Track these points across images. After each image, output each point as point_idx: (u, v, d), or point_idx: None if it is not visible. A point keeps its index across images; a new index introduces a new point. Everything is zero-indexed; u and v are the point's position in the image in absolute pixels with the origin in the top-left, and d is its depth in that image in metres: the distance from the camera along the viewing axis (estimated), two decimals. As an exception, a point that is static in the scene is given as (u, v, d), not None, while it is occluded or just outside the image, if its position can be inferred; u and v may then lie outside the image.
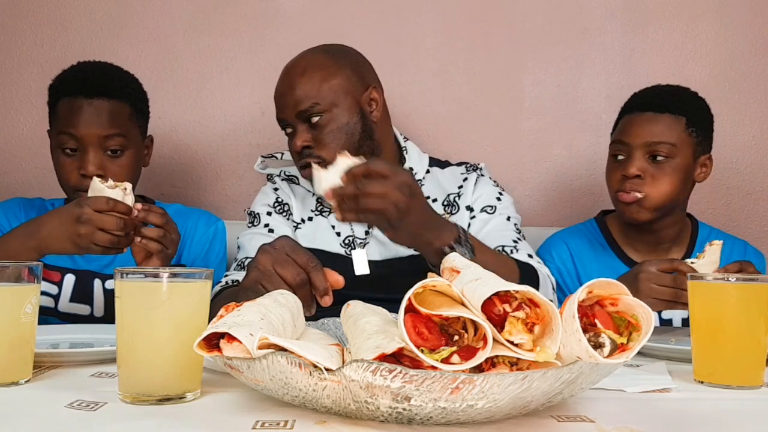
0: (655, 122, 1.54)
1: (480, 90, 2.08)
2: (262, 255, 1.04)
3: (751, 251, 1.70)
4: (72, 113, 1.45)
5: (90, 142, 1.44)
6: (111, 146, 1.46)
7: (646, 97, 1.61)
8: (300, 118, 1.44)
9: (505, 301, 0.68)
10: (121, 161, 1.47)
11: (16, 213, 1.57)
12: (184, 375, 0.78)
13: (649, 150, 1.54)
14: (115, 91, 1.49)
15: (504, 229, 1.47)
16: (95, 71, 1.53)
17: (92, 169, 1.42)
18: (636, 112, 1.58)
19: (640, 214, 1.56)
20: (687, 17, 2.10)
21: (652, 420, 0.76)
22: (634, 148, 1.55)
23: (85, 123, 1.44)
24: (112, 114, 1.47)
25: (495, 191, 1.55)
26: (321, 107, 1.43)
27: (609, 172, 1.62)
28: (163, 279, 0.78)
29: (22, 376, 0.85)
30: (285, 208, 1.53)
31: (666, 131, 1.54)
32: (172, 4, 2.03)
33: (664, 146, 1.53)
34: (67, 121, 1.45)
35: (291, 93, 1.45)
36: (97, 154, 1.44)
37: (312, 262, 1.02)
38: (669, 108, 1.55)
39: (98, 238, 1.17)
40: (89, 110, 1.45)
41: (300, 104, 1.44)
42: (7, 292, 0.85)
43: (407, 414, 0.67)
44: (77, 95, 1.46)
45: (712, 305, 0.96)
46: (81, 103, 1.45)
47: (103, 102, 1.46)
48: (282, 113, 1.48)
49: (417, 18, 2.06)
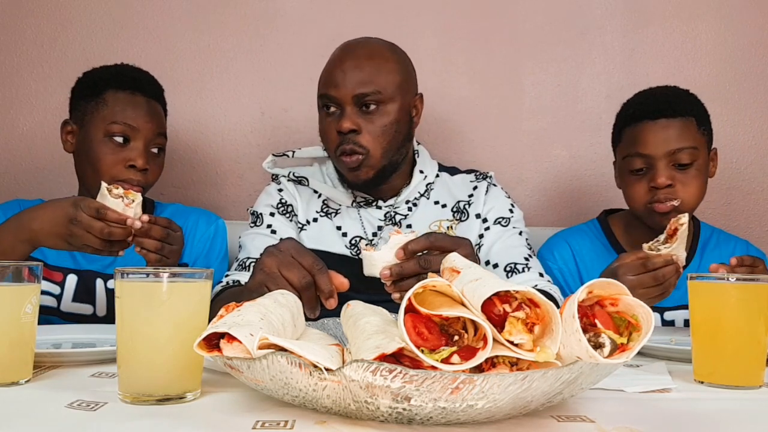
0: (671, 128, 1.52)
1: (480, 90, 2.08)
2: (267, 257, 1.04)
3: (753, 251, 1.69)
4: (131, 105, 1.50)
5: (145, 136, 1.49)
6: (158, 144, 1.53)
7: (650, 104, 1.58)
8: (355, 100, 1.39)
9: (505, 301, 0.68)
10: (159, 161, 1.54)
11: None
12: (184, 375, 0.78)
13: (673, 158, 1.52)
14: (161, 96, 1.60)
15: (516, 245, 1.47)
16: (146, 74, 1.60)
17: (142, 162, 1.47)
18: (646, 121, 1.55)
19: None
20: (687, 17, 2.10)
21: (652, 420, 0.76)
22: (657, 158, 1.52)
23: (144, 117, 1.50)
24: (161, 116, 1.57)
25: (507, 203, 1.55)
26: (381, 97, 1.40)
27: (631, 186, 1.57)
28: (163, 279, 0.79)
29: (22, 376, 0.85)
30: (289, 209, 1.53)
31: (684, 135, 1.52)
32: (172, 4, 2.03)
33: (686, 151, 1.52)
34: (123, 113, 1.48)
35: (354, 72, 1.40)
36: (147, 150, 1.50)
37: (317, 264, 1.01)
38: (679, 111, 1.54)
39: (89, 241, 1.18)
40: (147, 107, 1.52)
41: (362, 86, 1.39)
42: (7, 292, 0.85)
43: (407, 414, 0.67)
44: (135, 91, 1.52)
45: (712, 305, 0.96)
46: (140, 99, 1.51)
47: (156, 104, 1.56)
48: (335, 90, 1.41)
49: (417, 18, 2.06)
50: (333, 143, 1.42)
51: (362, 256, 1.09)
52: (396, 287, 1.05)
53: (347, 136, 1.39)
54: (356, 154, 1.40)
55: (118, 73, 1.56)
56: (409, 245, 1.05)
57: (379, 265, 1.06)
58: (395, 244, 1.06)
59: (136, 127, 1.48)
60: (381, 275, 1.05)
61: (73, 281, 1.51)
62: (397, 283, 1.05)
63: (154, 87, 1.58)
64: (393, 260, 1.05)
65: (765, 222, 2.12)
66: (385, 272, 1.05)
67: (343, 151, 1.40)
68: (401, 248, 1.05)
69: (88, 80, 1.56)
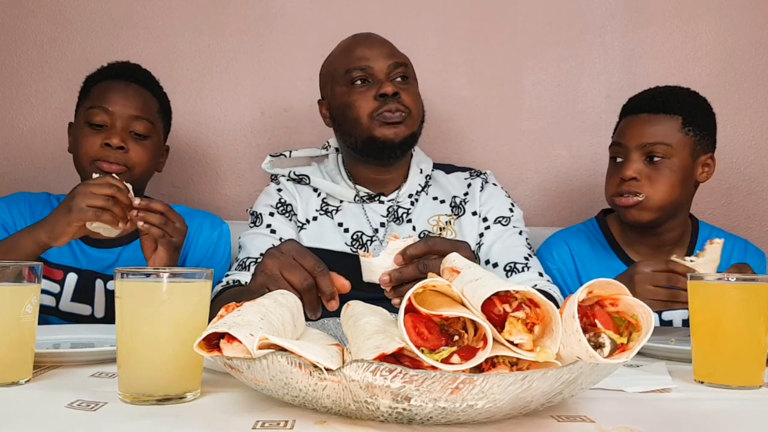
0: (651, 123, 1.54)
1: (480, 90, 2.08)
2: (269, 259, 1.04)
3: (751, 250, 1.70)
4: (107, 91, 1.51)
5: (120, 117, 1.49)
6: (137, 129, 1.51)
7: (642, 98, 1.61)
8: (390, 69, 1.48)
9: (505, 301, 0.68)
10: (144, 144, 1.52)
11: (20, 208, 1.57)
12: (184, 375, 0.78)
13: (645, 151, 1.53)
14: (150, 83, 1.59)
15: (516, 245, 1.48)
16: (134, 65, 1.62)
17: (117, 141, 1.46)
18: (632, 114, 1.59)
19: (641, 216, 1.55)
20: (687, 17, 2.10)
21: (652, 420, 0.76)
22: (630, 150, 1.54)
23: (118, 101, 1.50)
24: (145, 100, 1.54)
25: (507, 202, 1.56)
26: (408, 70, 1.52)
27: (608, 175, 1.62)
28: (163, 279, 0.79)
29: (22, 376, 0.85)
30: (288, 209, 1.53)
31: (661, 131, 1.53)
32: (172, 4, 2.04)
33: (659, 147, 1.52)
34: (100, 97, 1.51)
35: (385, 45, 1.52)
36: (124, 131, 1.49)
37: (319, 266, 1.01)
38: (664, 108, 1.55)
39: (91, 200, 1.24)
40: (125, 91, 1.52)
41: (396, 56, 1.50)
42: (7, 292, 0.85)
43: (407, 414, 0.67)
44: (115, 79, 1.54)
45: (712, 305, 0.96)
46: (118, 84, 1.53)
47: (138, 88, 1.54)
48: (370, 61, 1.48)
49: (417, 18, 2.06)
50: (368, 108, 1.46)
51: (361, 262, 1.09)
52: (396, 293, 1.05)
53: (389, 98, 1.45)
54: (399, 111, 1.46)
55: (109, 67, 1.60)
56: (408, 250, 1.05)
57: (378, 271, 1.06)
58: (393, 250, 1.05)
59: (112, 110, 1.49)
60: (380, 281, 1.05)
61: (73, 280, 1.51)
62: (396, 288, 1.05)
63: (140, 74, 1.58)
64: (392, 266, 1.05)
65: (765, 222, 2.12)
66: (385, 278, 1.04)
67: (388, 109, 1.45)
68: (400, 253, 1.05)
69: (84, 82, 1.60)
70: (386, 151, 1.48)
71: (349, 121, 1.48)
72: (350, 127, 1.49)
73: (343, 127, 1.51)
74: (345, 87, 1.49)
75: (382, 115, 1.44)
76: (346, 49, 1.52)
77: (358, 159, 1.53)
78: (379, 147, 1.47)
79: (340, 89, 1.50)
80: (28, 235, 1.29)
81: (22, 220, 1.54)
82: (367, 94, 1.46)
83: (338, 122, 1.52)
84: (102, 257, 1.54)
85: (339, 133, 1.55)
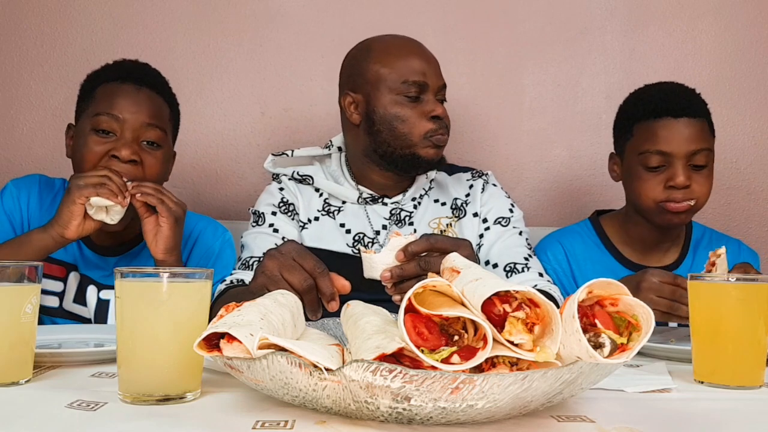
0: (692, 128, 1.51)
1: (480, 90, 2.08)
2: (269, 260, 1.03)
3: (745, 250, 1.70)
4: (116, 96, 1.38)
5: (131, 126, 1.37)
6: (150, 137, 1.39)
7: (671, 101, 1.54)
8: (438, 89, 1.48)
9: (505, 301, 0.68)
10: (156, 154, 1.41)
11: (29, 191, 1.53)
12: (184, 375, 0.78)
13: (692, 158, 1.51)
14: (162, 87, 1.47)
15: (516, 245, 1.48)
16: (143, 65, 1.50)
17: (126, 153, 1.35)
18: (668, 118, 1.51)
19: (687, 219, 1.57)
20: (687, 17, 2.10)
21: (652, 420, 0.76)
22: (677, 157, 1.50)
23: (129, 107, 1.38)
24: (158, 107, 1.43)
25: (507, 202, 1.56)
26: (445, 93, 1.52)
27: (644, 182, 1.54)
28: (163, 279, 0.79)
29: (22, 376, 0.85)
30: (290, 208, 1.53)
31: (703, 136, 1.52)
32: (172, 4, 2.04)
33: (704, 152, 1.51)
34: (108, 103, 1.38)
35: (435, 60, 1.51)
36: (135, 141, 1.38)
37: (319, 267, 1.01)
38: (698, 112, 1.53)
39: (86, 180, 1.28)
40: (137, 96, 1.39)
41: (442, 78, 1.50)
42: (7, 292, 0.85)
43: (407, 414, 0.67)
44: (125, 80, 1.41)
45: (712, 305, 0.96)
46: (129, 88, 1.40)
47: (151, 93, 1.42)
48: (427, 77, 1.47)
49: (417, 18, 2.06)
50: (424, 129, 1.45)
51: (362, 258, 1.09)
52: (396, 289, 1.05)
53: (441, 122, 1.46)
54: (446, 135, 1.48)
55: (114, 65, 1.49)
56: (410, 247, 1.05)
57: (379, 267, 1.06)
58: (395, 246, 1.05)
59: (122, 117, 1.36)
60: (381, 278, 1.05)
61: (75, 279, 1.50)
62: (397, 285, 1.05)
63: (151, 77, 1.46)
64: (393, 262, 1.05)
65: (764, 222, 2.12)
66: (386, 275, 1.05)
67: (441, 133, 1.46)
68: (401, 250, 1.05)
69: (86, 80, 1.50)
70: (423, 167, 1.49)
71: (396, 133, 1.45)
72: (393, 139, 1.45)
73: (383, 135, 1.46)
74: (398, 96, 1.44)
75: (435, 137, 1.44)
76: (400, 56, 1.47)
77: (373, 163, 1.51)
78: (419, 164, 1.47)
79: (391, 97, 1.45)
80: (41, 229, 1.32)
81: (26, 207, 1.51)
82: (422, 111, 1.45)
83: (376, 127, 1.47)
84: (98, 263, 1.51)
85: (365, 135, 1.49)
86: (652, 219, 1.58)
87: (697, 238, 1.69)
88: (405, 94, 1.44)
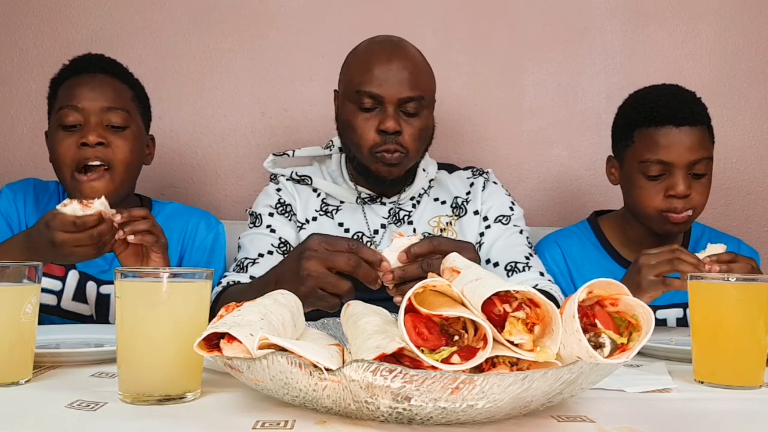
0: (693, 137, 1.50)
1: (480, 90, 2.08)
2: (307, 262, 1.04)
3: (744, 249, 1.70)
4: (74, 88, 1.43)
5: (92, 112, 1.41)
6: (113, 121, 1.43)
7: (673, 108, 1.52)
8: (400, 102, 1.39)
9: (505, 301, 0.68)
10: (124, 134, 1.44)
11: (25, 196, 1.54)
12: (184, 375, 0.78)
13: (692, 168, 1.51)
14: (118, 71, 1.50)
15: (517, 244, 1.48)
16: (97, 55, 1.54)
17: (93, 137, 1.38)
18: (670, 127, 1.50)
19: (687, 226, 1.57)
20: (687, 17, 2.10)
21: (652, 420, 0.76)
22: (676, 167, 1.50)
23: (87, 95, 1.42)
24: (115, 89, 1.46)
25: (508, 201, 1.56)
26: (423, 102, 1.42)
27: (645, 190, 1.53)
28: (163, 279, 0.79)
29: (22, 376, 0.85)
30: (288, 209, 1.53)
31: (703, 145, 1.51)
32: (172, 4, 2.03)
33: (704, 162, 1.51)
34: (68, 96, 1.43)
35: (402, 74, 1.40)
36: (100, 125, 1.41)
37: (352, 243, 1.04)
38: (699, 119, 1.52)
39: (84, 254, 1.15)
40: (92, 83, 1.44)
41: (409, 90, 1.39)
42: (7, 292, 0.85)
43: (407, 414, 0.67)
44: (81, 72, 1.45)
45: (712, 305, 0.96)
46: (84, 78, 1.44)
47: (105, 77, 1.46)
48: (380, 88, 1.39)
49: (417, 18, 2.06)
50: (370, 140, 1.41)
51: None
52: (398, 290, 1.05)
53: (390, 135, 1.40)
54: (398, 152, 1.41)
55: (70, 63, 1.51)
56: (412, 249, 1.05)
57: None
58: (398, 247, 1.06)
59: (81, 106, 1.40)
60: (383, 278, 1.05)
61: (74, 278, 1.50)
62: (399, 286, 1.05)
63: (104, 63, 1.50)
64: (395, 263, 1.05)
65: (764, 222, 2.12)
66: (388, 275, 1.05)
67: (386, 149, 1.40)
68: (404, 251, 1.05)
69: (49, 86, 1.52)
70: (379, 183, 1.48)
71: (350, 141, 1.45)
72: (350, 147, 1.46)
73: (344, 140, 1.49)
74: (352, 105, 1.43)
75: (380, 153, 1.41)
76: (364, 63, 1.43)
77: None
78: (374, 177, 1.46)
79: (347, 105, 1.44)
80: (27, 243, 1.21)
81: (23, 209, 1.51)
82: (371, 123, 1.40)
83: (340, 132, 1.50)
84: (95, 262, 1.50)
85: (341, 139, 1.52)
86: (651, 226, 1.58)
87: (696, 237, 1.70)
88: (358, 104, 1.42)
